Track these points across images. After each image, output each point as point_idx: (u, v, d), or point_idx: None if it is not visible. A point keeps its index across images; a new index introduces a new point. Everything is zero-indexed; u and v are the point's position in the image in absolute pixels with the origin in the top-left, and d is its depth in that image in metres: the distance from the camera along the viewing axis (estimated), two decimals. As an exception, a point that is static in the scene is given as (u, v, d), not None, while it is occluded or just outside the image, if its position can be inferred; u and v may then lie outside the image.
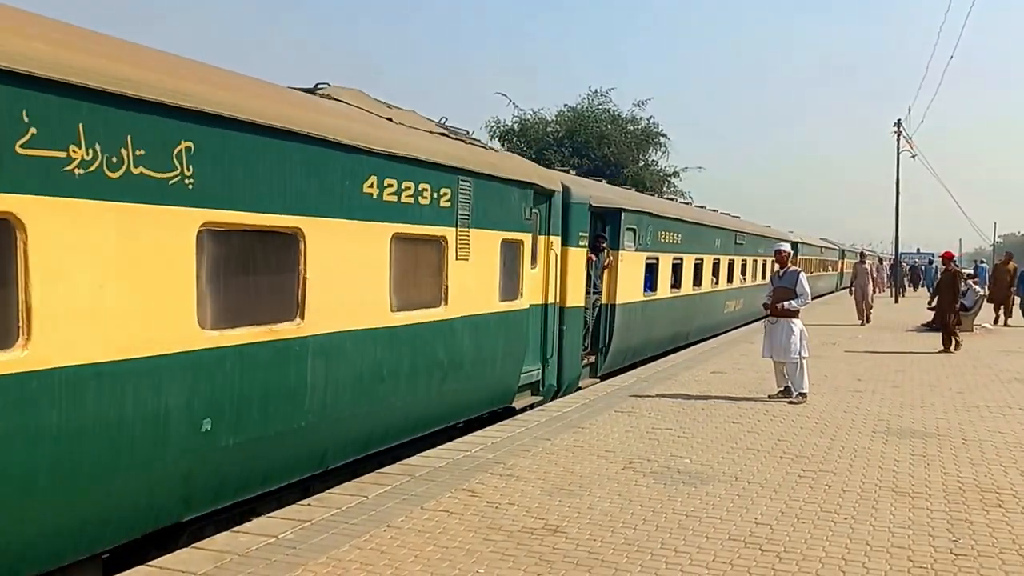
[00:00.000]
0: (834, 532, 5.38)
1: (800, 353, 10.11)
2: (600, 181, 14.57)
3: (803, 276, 10.41)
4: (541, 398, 10.39)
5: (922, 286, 38.20)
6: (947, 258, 18.54)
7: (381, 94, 7.90)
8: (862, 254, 27.59)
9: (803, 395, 10.10)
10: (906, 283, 43.66)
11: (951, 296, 16.69)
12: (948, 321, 16.35)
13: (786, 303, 10.24)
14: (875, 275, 25.56)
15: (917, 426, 8.76)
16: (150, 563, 4.75)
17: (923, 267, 47.05)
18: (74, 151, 4.35)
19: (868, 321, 22.34)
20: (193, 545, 5.06)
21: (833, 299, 36.11)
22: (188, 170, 5.03)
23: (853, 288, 23.73)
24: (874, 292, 23.71)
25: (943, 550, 5.08)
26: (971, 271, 27.64)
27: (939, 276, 19.30)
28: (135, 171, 4.69)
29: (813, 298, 16.72)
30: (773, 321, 10.41)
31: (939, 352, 15.72)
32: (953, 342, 16.03)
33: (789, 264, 10.69)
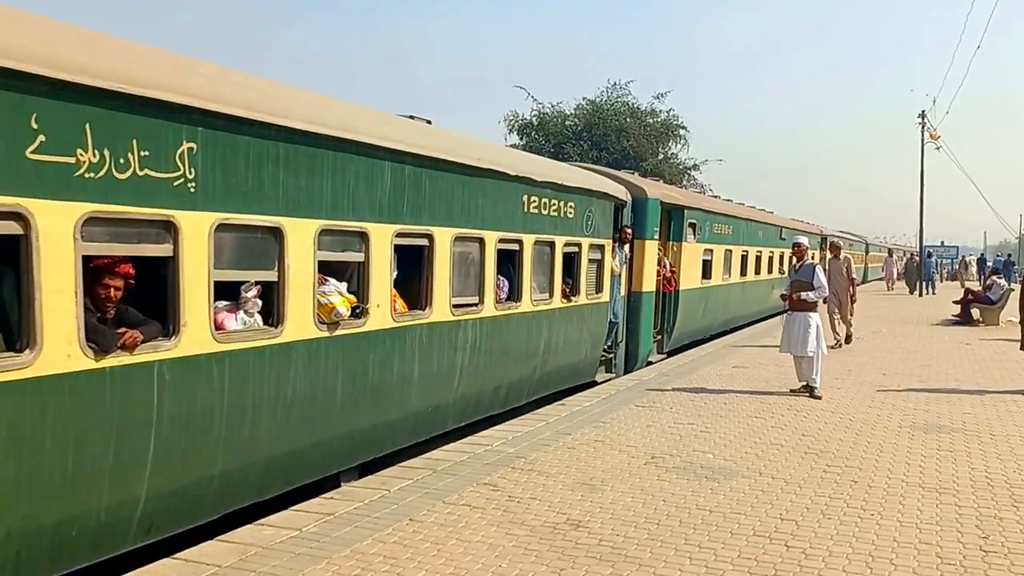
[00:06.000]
0: (861, 528, 5.33)
1: (817, 348, 10.08)
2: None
3: (819, 269, 10.52)
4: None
5: (927, 280, 35.91)
6: None
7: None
8: (833, 245, 16.81)
9: (812, 390, 10.04)
10: (895, 275, 42.03)
11: None
12: None
13: (803, 294, 10.20)
14: (854, 276, 16.32)
15: (943, 421, 8.65)
16: (176, 555, 4.79)
17: (920, 259, 37.56)
18: None
19: (847, 341, 15.24)
20: (218, 538, 5.09)
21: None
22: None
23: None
24: (854, 301, 16.03)
25: (972, 547, 5.02)
26: (996, 266, 26.84)
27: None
28: None
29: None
30: (791, 315, 10.41)
31: None
32: None
33: (806, 257, 10.69)
